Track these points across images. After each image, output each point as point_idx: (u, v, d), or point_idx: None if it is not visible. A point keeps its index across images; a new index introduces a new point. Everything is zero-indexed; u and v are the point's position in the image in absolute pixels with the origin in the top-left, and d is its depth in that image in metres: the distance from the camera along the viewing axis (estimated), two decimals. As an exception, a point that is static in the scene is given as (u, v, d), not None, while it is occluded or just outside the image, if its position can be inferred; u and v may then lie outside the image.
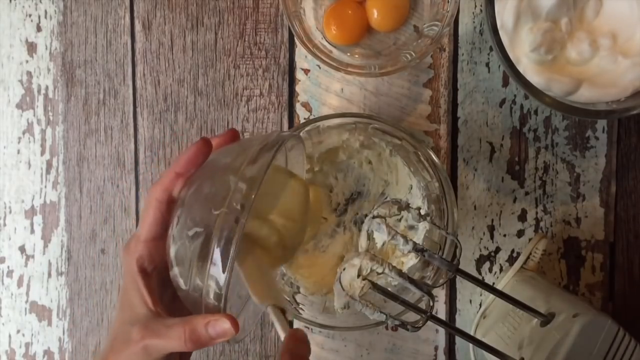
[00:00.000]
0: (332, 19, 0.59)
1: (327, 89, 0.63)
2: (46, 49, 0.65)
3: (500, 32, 0.52)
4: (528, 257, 0.60)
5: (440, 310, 0.63)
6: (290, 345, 0.40)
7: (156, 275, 0.44)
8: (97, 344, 0.66)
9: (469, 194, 0.63)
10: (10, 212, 0.66)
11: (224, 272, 0.38)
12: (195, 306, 0.40)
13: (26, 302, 0.66)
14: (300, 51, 0.63)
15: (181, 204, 0.42)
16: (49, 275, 0.66)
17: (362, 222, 0.58)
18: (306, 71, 0.63)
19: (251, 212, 0.41)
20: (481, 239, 0.63)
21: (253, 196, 0.38)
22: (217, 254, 0.38)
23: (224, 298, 0.38)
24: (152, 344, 0.40)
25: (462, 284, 0.63)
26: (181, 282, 0.41)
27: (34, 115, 0.65)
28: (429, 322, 0.46)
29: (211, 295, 0.39)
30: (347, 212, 0.62)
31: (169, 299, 0.44)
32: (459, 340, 0.63)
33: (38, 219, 0.66)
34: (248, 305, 0.48)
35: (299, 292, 0.59)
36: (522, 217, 0.63)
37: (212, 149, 0.44)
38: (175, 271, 0.41)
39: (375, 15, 0.59)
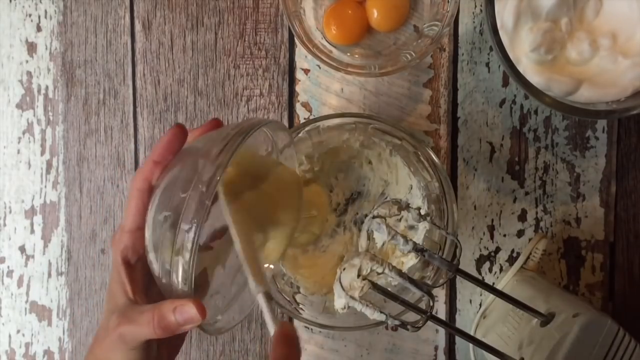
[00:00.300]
0: (332, 19, 0.59)
1: (327, 89, 0.63)
2: (46, 49, 0.65)
3: (500, 32, 0.52)
4: (528, 257, 0.60)
5: (440, 310, 0.63)
6: (280, 351, 0.39)
7: (141, 266, 0.44)
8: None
9: (469, 194, 0.63)
10: (10, 212, 0.66)
11: (189, 255, 0.37)
12: (168, 292, 0.40)
13: (26, 302, 0.66)
14: (300, 51, 0.63)
15: (155, 190, 0.41)
16: (49, 275, 0.66)
17: (362, 222, 0.58)
18: (306, 71, 0.63)
19: (236, 197, 0.41)
20: (481, 239, 0.63)
21: (218, 178, 0.37)
22: (181, 237, 0.37)
23: (190, 282, 0.38)
24: (127, 330, 0.40)
25: (462, 284, 0.63)
26: (155, 268, 0.40)
27: (34, 115, 0.65)
28: (429, 322, 0.46)
29: (179, 280, 0.38)
30: (347, 212, 0.62)
31: (157, 289, 0.44)
32: (459, 340, 0.63)
33: (38, 219, 0.66)
34: (238, 297, 0.47)
35: (299, 292, 0.58)
36: (522, 217, 0.63)
37: (187, 134, 0.44)
38: (150, 257, 0.41)
39: (375, 15, 0.59)
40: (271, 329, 0.41)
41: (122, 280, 0.42)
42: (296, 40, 0.61)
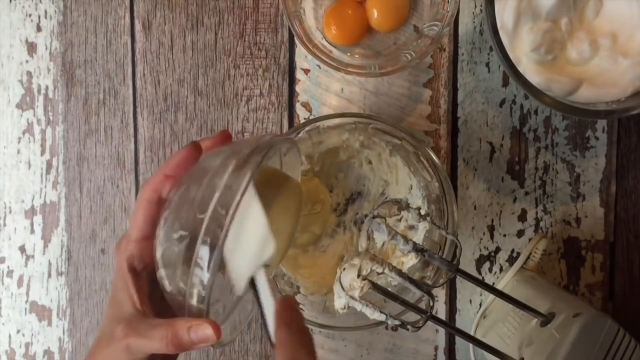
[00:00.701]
0: (332, 19, 0.59)
1: (327, 89, 0.63)
2: (46, 49, 0.65)
3: (500, 32, 0.52)
4: (528, 257, 0.60)
5: (440, 310, 0.63)
6: (283, 315, 0.40)
7: (146, 275, 0.44)
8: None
9: (469, 194, 0.63)
10: (10, 212, 0.66)
11: (207, 276, 0.38)
12: (179, 308, 0.40)
13: (26, 302, 0.66)
14: (300, 51, 0.63)
15: (168, 205, 0.41)
16: (49, 275, 0.66)
17: (362, 222, 0.58)
18: (306, 71, 0.63)
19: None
20: (481, 239, 0.63)
21: (238, 201, 0.38)
22: (200, 258, 0.38)
23: (207, 302, 0.38)
24: (135, 343, 0.40)
25: (462, 284, 0.63)
26: (166, 284, 0.41)
27: (34, 115, 0.65)
28: (429, 322, 0.46)
29: (194, 299, 0.39)
30: (347, 212, 0.62)
31: (158, 298, 0.44)
32: (459, 340, 0.63)
33: (38, 219, 0.66)
34: (237, 309, 0.48)
35: (299, 292, 0.59)
36: (522, 217, 0.63)
37: (202, 152, 0.44)
38: (161, 273, 0.41)
39: (375, 15, 0.59)
40: (267, 301, 0.41)
41: (129, 289, 0.42)
42: (296, 40, 0.61)
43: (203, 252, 0.38)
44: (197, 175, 0.42)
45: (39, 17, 0.65)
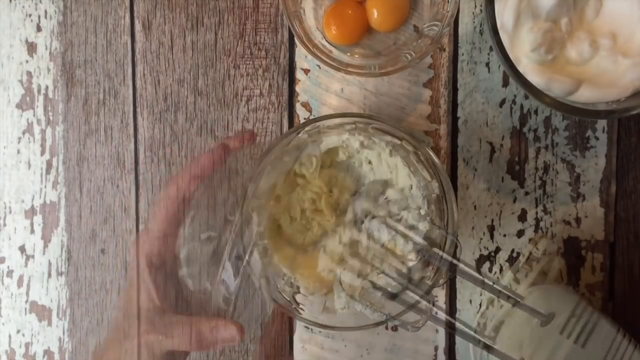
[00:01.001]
0: (332, 19, 0.59)
1: (327, 89, 0.63)
2: (46, 49, 0.65)
3: (500, 32, 0.52)
4: (528, 257, 0.60)
5: (440, 311, 0.63)
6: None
7: (164, 271, 0.44)
8: (97, 344, 0.66)
9: (469, 194, 0.63)
10: (10, 212, 0.66)
11: (235, 278, 0.38)
12: (202, 308, 0.41)
13: (26, 302, 0.66)
14: (300, 51, 0.63)
15: (195, 206, 0.42)
16: (49, 275, 0.66)
17: (362, 222, 0.58)
18: (306, 71, 0.63)
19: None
20: (481, 239, 0.63)
21: (270, 204, 0.38)
22: (230, 260, 0.38)
23: (234, 304, 0.39)
24: (155, 339, 0.41)
25: (462, 284, 0.63)
26: (190, 283, 0.41)
27: (34, 115, 0.65)
28: (429, 322, 0.46)
29: (220, 299, 0.39)
30: (347, 212, 0.62)
31: (174, 295, 0.44)
32: (459, 340, 0.63)
33: (38, 219, 0.66)
34: (249, 307, 0.48)
35: (299, 292, 0.58)
36: (522, 217, 0.63)
37: (230, 153, 0.44)
38: (184, 271, 0.42)
39: (375, 15, 0.59)
40: None
41: (147, 285, 0.43)
42: (296, 40, 0.61)
43: (232, 255, 0.38)
44: (226, 176, 0.43)
45: (39, 17, 0.65)
